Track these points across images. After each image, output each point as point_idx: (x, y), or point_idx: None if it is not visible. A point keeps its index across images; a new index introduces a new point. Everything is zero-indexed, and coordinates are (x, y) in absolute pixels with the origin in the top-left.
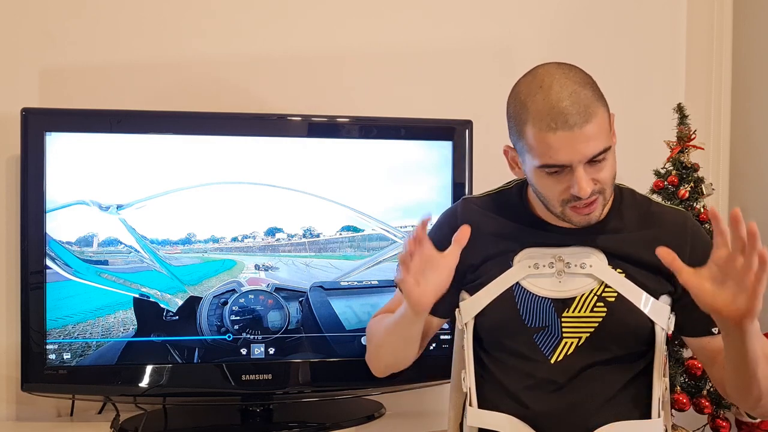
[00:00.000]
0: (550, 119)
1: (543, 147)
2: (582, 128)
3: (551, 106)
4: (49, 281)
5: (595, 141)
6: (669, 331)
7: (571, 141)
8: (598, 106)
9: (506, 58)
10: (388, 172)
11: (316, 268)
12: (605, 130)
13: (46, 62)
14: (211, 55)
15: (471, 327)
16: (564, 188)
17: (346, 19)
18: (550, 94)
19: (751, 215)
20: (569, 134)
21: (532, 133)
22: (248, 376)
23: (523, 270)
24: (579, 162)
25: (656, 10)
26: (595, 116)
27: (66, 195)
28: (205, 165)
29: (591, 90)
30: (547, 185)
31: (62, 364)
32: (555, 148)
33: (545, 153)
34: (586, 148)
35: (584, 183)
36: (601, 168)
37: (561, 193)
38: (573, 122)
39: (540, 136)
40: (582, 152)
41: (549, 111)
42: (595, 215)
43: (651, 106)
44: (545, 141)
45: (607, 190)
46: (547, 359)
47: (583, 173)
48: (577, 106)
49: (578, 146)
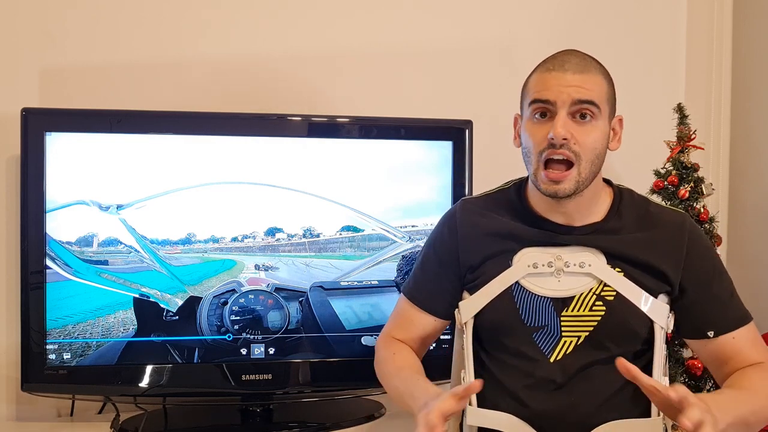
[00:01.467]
0: (550, 63)
1: (537, 85)
2: (575, 74)
3: (555, 57)
4: (49, 281)
5: (585, 90)
6: (668, 330)
7: (561, 81)
8: (598, 73)
9: (506, 58)
10: (388, 172)
11: (316, 268)
12: (599, 93)
13: (46, 62)
14: (211, 55)
15: (470, 326)
16: (544, 135)
17: (346, 19)
18: (561, 53)
19: (751, 215)
20: (562, 75)
21: (533, 77)
22: (248, 376)
23: (522, 269)
24: (563, 102)
25: (656, 10)
26: (591, 73)
27: (66, 195)
28: (205, 165)
29: (599, 65)
30: (532, 132)
31: (62, 364)
32: (546, 84)
33: (537, 90)
34: (575, 91)
35: (560, 126)
36: (584, 129)
37: (540, 142)
38: (568, 67)
39: (537, 77)
40: (568, 92)
41: (552, 59)
42: (564, 187)
43: (651, 106)
44: (540, 79)
45: (583, 161)
46: (547, 358)
47: (564, 117)
48: (577, 60)
49: (566, 88)
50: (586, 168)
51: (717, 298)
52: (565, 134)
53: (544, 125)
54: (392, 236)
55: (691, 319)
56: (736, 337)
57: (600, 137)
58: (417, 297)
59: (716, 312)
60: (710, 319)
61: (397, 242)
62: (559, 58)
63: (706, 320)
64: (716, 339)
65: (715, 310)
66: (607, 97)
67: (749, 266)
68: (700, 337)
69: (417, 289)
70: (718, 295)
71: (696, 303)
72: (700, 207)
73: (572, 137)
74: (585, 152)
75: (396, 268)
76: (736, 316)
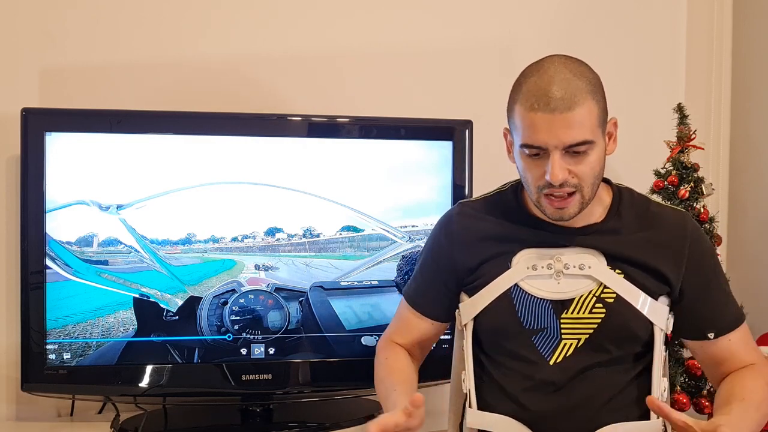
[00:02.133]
0: (535, 99)
1: (525, 126)
2: (563, 113)
3: (539, 88)
4: (49, 281)
5: (576, 130)
6: (668, 332)
7: (550, 124)
8: (586, 99)
9: (506, 58)
10: (388, 172)
11: (316, 268)
12: (590, 124)
13: (46, 62)
14: (211, 55)
15: (470, 328)
16: (541, 173)
17: (346, 19)
18: (543, 77)
19: (751, 215)
20: (549, 117)
21: (519, 111)
22: (248, 376)
23: (521, 271)
24: (555, 147)
25: (656, 10)
26: (579, 106)
27: (66, 195)
28: (205, 165)
29: (586, 83)
30: (528, 167)
31: (62, 364)
32: (534, 128)
33: (526, 132)
34: (564, 135)
35: (557, 169)
36: (581, 161)
37: (538, 179)
38: (554, 106)
39: (524, 114)
40: (559, 137)
41: (536, 91)
42: (569, 212)
43: (651, 106)
44: (527, 120)
45: (585, 188)
46: (546, 361)
47: (559, 160)
48: (563, 92)
49: (556, 131)
50: (588, 191)
51: (717, 299)
52: (563, 177)
53: (539, 163)
54: (392, 236)
55: (692, 320)
56: (732, 339)
57: (598, 162)
58: (416, 301)
59: (716, 313)
60: (711, 320)
61: (397, 242)
62: (542, 88)
63: (706, 321)
64: (715, 341)
65: (716, 312)
66: (598, 121)
67: (749, 266)
68: (700, 338)
69: (416, 294)
70: (717, 296)
71: (696, 304)
72: (700, 207)
73: (570, 173)
74: (585, 180)
75: (396, 268)
76: (734, 318)
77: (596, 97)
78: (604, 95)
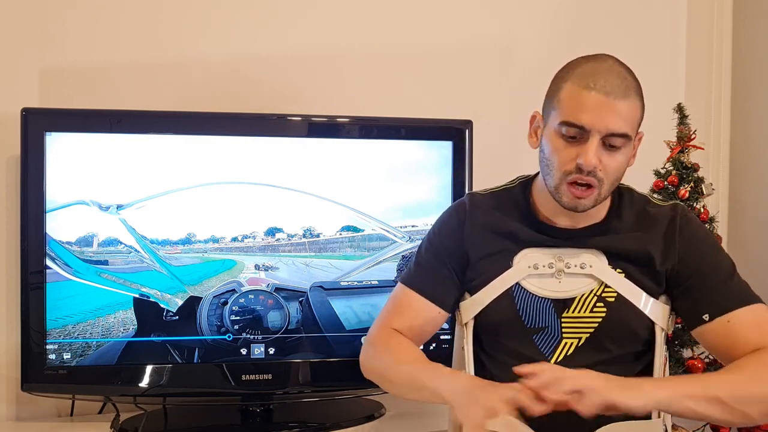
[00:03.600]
0: (591, 79)
1: (573, 103)
2: (616, 100)
3: (596, 71)
4: (49, 281)
5: (622, 120)
6: (669, 331)
7: (601, 106)
8: (637, 97)
9: (506, 58)
10: (388, 172)
11: (316, 268)
12: (633, 121)
13: (46, 62)
14: (210, 55)
15: (471, 327)
16: (571, 157)
17: (346, 19)
18: (601, 64)
19: (751, 215)
20: (603, 99)
21: (568, 87)
22: (248, 376)
23: (522, 270)
24: (598, 132)
25: (656, 10)
26: (631, 99)
27: (66, 195)
28: (205, 165)
29: (637, 84)
30: (558, 148)
31: (62, 364)
32: (584, 106)
33: (572, 110)
34: (611, 121)
35: (592, 154)
36: (612, 156)
37: (567, 162)
38: (610, 90)
39: (574, 91)
40: (606, 122)
41: (593, 73)
42: (585, 204)
43: (651, 106)
44: (577, 97)
45: (606, 185)
46: (547, 360)
47: (597, 146)
48: (620, 81)
49: (605, 115)
50: (606, 190)
51: (713, 281)
52: (596, 164)
53: (573, 147)
54: (392, 236)
55: (689, 307)
56: (731, 320)
57: (624, 161)
58: (419, 286)
59: (712, 295)
60: (706, 302)
61: (397, 242)
62: (602, 75)
63: (701, 303)
64: (713, 324)
65: (711, 293)
66: (637, 124)
67: (749, 266)
68: (697, 323)
69: (420, 278)
70: (713, 278)
71: (692, 289)
72: (700, 207)
73: (600, 164)
74: (608, 177)
75: (396, 268)
76: (734, 298)
77: (642, 101)
78: (644, 102)
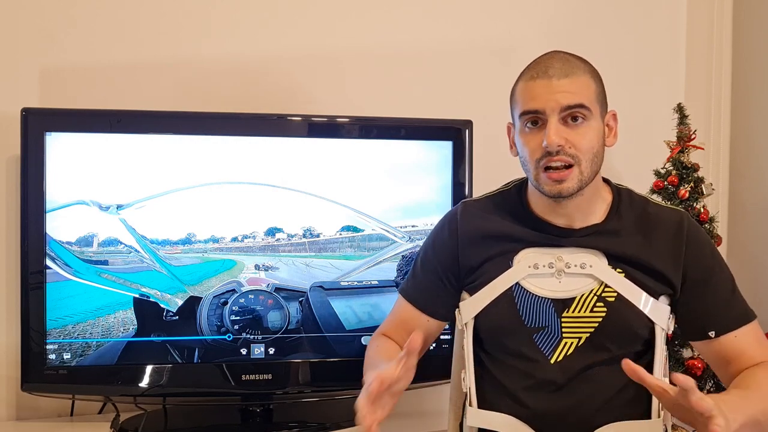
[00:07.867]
0: (534, 71)
1: (524, 95)
2: (560, 80)
3: (539, 62)
4: (49, 281)
5: (571, 94)
6: (669, 332)
7: (547, 88)
8: (584, 73)
9: (506, 57)
10: (388, 172)
11: (316, 268)
12: (588, 94)
13: (46, 62)
14: (210, 55)
15: (471, 327)
16: (539, 143)
17: (346, 19)
18: (544, 57)
19: (751, 215)
20: (547, 82)
21: (520, 85)
22: (248, 376)
23: (522, 270)
24: (552, 110)
25: (656, 10)
26: (576, 76)
27: (66, 195)
28: (205, 165)
29: (584, 63)
30: (526, 141)
31: (62, 364)
32: (533, 94)
33: (525, 101)
34: (560, 96)
35: (553, 133)
36: (578, 131)
37: (535, 150)
38: (552, 73)
39: (523, 86)
40: (556, 99)
41: (537, 64)
42: (567, 186)
43: (651, 106)
44: (526, 89)
45: (583, 161)
46: (547, 359)
47: (556, 124)
48: (561, 63)
49: (554, 94)
50: (587, 167)
51: (717, 297)
52: (559, 141)
53: (537, 134)
54: (392, 236)
55: (693, 320)
56: (738, 336)
57: (595, 137)
58: (414, 297)
59: (717, 311)
60: (711, 318)
61: (397, 242)
62: (542, 63)
63: (706, 320)
64: (718, 339)
65: (716, 309)
66: (596, 97)
67: (749, 266)
68: (701, 338)
69: (415, 290)
70: (718, 294)
71: (696, 302)
72: (700, 207)
73: (567, 142)
74: (583, 153)
75: (396, 268)
76: (738, 315)
77: (594, 77)
78: (602, 83)
